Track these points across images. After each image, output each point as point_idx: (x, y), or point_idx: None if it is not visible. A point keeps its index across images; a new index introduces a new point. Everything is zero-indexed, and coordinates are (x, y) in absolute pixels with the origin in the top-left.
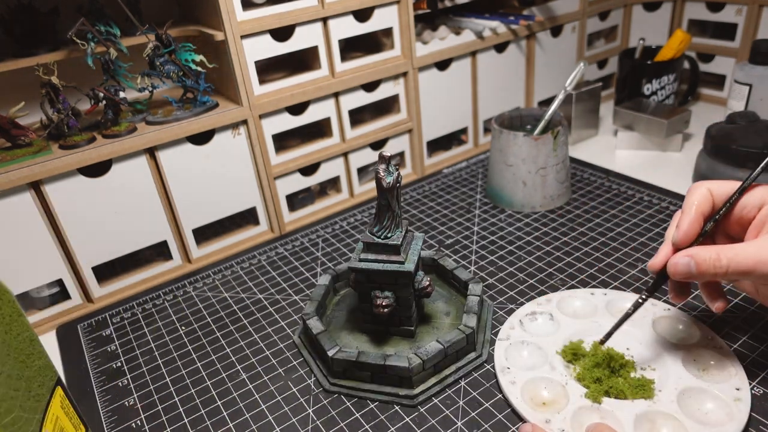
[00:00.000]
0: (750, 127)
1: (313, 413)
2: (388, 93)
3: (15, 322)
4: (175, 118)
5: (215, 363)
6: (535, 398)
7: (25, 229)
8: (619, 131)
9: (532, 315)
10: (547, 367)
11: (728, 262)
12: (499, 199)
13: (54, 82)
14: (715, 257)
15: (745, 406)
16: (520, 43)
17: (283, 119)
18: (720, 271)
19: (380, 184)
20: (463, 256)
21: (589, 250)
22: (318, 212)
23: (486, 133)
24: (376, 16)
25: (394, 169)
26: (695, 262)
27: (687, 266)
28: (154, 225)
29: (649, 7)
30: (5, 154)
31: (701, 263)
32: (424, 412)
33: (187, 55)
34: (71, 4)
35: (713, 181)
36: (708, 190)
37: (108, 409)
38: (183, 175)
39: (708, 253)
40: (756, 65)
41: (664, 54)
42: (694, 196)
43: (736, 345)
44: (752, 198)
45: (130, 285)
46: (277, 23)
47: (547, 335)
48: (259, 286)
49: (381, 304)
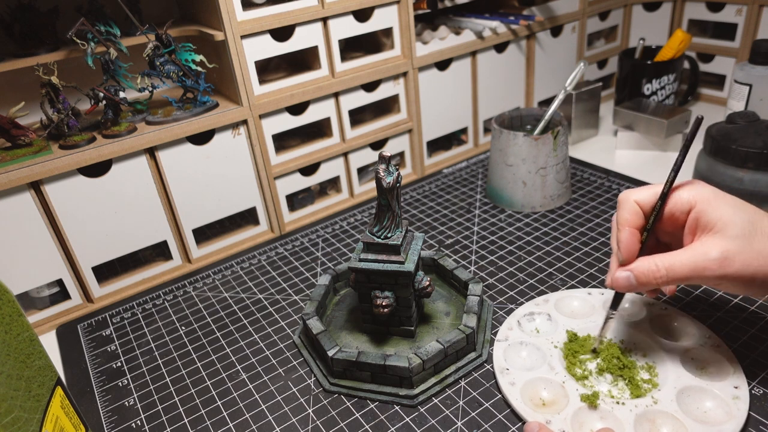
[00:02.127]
0: (750, 127)
1: (313, 413)
2: (388, 93)
3: (15, 322)
4: (175, 118)
5: (215, 363)
6: (534, 399)
7: (25, 229)
8: (619, 131)
9: (530, 315)
10: (546, 368)
11: (666, 272)
12: (499, 199)
13: (54, 82)
14: (654, 269)
15: (743, 405)
16: (520, 43)
17: (283, 119)
18: (660, 280)
19: (380, 184)
20: (463, 256)
21: (589, 250)
22: (318, 212)
23: (486, 133)
24: (376, 16)
25: (394, 169)
26: (634, 276)
27: (627, 280)
28: (154, 225)
29: (649, 7)
30: (5, 154)
31: (640, 276)
32: (424, 412)
33: (187, 55)
34: (71, 4)
35: (637, 190)
36: (635, 201)
37: (108, 409)
38: (183, 175)
39: (647, 265)
40: (756, 65)
41: (664, 54)
42: (624, 212)
43: (736, 345)
44: (679, 203)
45: (130, 285)
46: (277, 23)
47: (546, 335)
48: (259, 286)
49: (381, 304)
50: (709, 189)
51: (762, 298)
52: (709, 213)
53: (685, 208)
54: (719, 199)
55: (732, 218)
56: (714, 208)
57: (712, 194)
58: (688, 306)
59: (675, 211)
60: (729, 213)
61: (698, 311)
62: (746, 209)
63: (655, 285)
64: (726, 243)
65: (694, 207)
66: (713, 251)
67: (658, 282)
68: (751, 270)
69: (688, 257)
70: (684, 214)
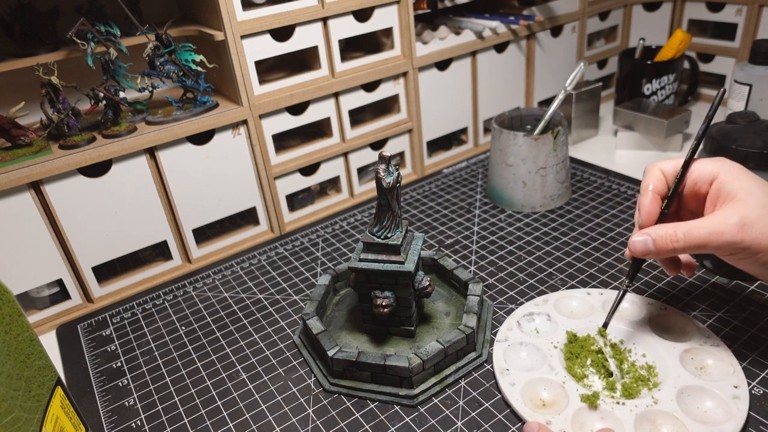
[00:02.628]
0: (750, 127)
1: (313, 413)
2: (388, 93)
3: (15, 322)
4: (175, 118)
5: (215, 363)
6: (534, 399)
7: (25, 229)
8: (619, 131)
9: (529, 316)
10: (546, 368)
11: (684, 236)
12: (499, 199)
13: (54, 82)
14: (671, 233)
15: (743, 404)
16: (520, 43)
17: (283, 119)
18: (677, 245)
19: (380, 184)
20: (463, 256)
21: (589, 250)
22: (318, 212)
23: (486, 133)
24: (376, 16)
25: (394, 169)
26: (652, 239)
27: (644, 244)
28: (154, 225)
29: (649, 7)
30: (5, 154)
31: (657, 239)
32: (424, 412)
33: (187, 55)
34: (71, 4)
35: (664, 161)
36: (660, 170)
37: (108, 409)
38: (183, 175)
39: (664, 230)
40: (756, 65)
41: (664, 54)
42: (648, 178)
43: (736, 345)
44: (703, 173)
45: (130, 285)
46: (277, 23)
47: (545, 336)
48: (259, 286)
49: (381, 304)
50: (733, 163)
51: None
52: (731, 183)
53: (708, 178)
54: (741, 172)
55: (753, 189)
56: (736, 179)
57: (735, 167)
58: (688, 306)
59: (698, 181)
60: (751, 184)
61: (698, 311)
62: (766, 184)
63: (672, 250)
64: (746, 210)
65: (717, 177)
66: (733, 217)
67: (676, 248)
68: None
69: (708, 222)
70: (707, 184)
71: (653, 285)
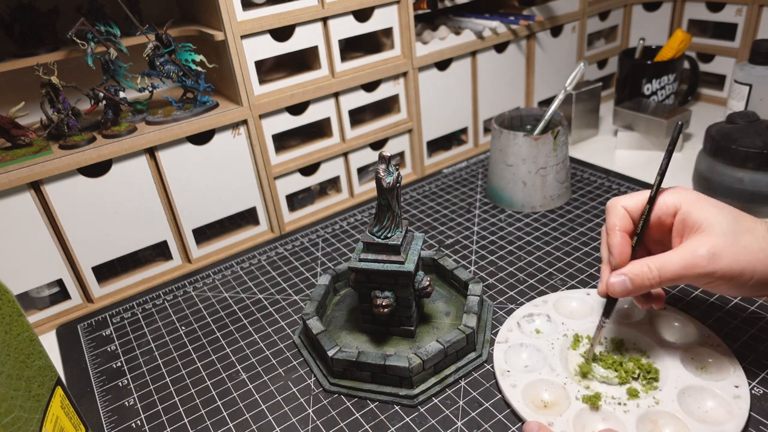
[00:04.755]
0: (750, 127)
1: (313, 413)
2: (388, 93)
3: (15, 322)
4: (175, 118)
5: (215, 363)
6: (536, 401)
7: (25, 229)
8: (619, 131)
9: (529, 317)
10: (547, 369)
11: (658, 272)
12: (499, 199)
13: (54, 82)
14: (646, 270)
15: (744, 404)
16: (520, 43)
17: (283, 119)
18: (654, 281)
19: (380, 184)
20: (463, 256)
21: (589, 250)
22: (318, 212)
23: (486, 133)
24: (376, 16)
25: (394, 169)
26: (629, 279)
27: (623, 284)
28: (154, 225)
29: (649, 7)
30: (5, 154)
31: (634, 278)
32: (424, 412)
33: (187, 55)
34: (71, 4)
35: (625, 197)
36: (623, 207)
37: (108, 409)
38: (183, 175)
39: (639, 267)
40: (756, 65)
41: (664, 54)
42: (614, 218)
43: (736, 345)
44: (664, 206)
45: (130, 285)
46: (277, 23)
47: (546, 336)
48: (259, 286)
49: (381, 304)
50: (692, 192)
51: (752, 296)
52: (694, 214)
53: (670, 211)
54: (702, 201)
55: (717, 217)
56: (698, 209)
57: (695, 197)
58: (688, 306)
59: (661, 215)
60: (713, 212)
61: (698, 311)
62: (728, 209)
63: (649, 287)
64: (713, 240)
65: (680, 209)
66: (702, 248)
67: (652, 283)
68: (740, 266)
69: (678, 256)
70: (670, 217)
71: None
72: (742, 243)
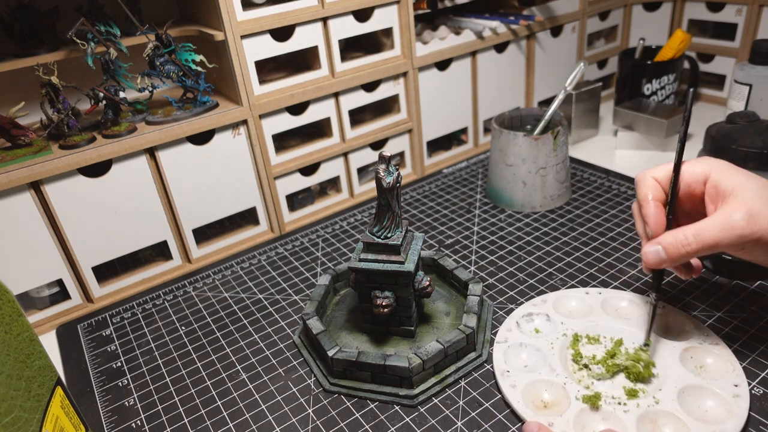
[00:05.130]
0: (750, 127)
1: (313, 413)
2: (388, 93)
3: (15, 322)
4: (175, 118)
5: (215, 363)
6: (536, 401)
7: (25, 229)
8: (619, 131)
9: (528, 316)
10: (547, 369)
11: (694, 239)
12: (499, 199)
13: (54, 82)
14: (682, 239)
15: (744, 403)
16: (520, 43)
17: (283, 119)
18: (690, 248)
19: (380, 184)
20: (463, 256)
21: (589, 250)
22: (318, 212)
23: (486, 133)
24: (376, 16)
25: (394, 169)
26: (663, 248)
27: (656, 254)
28: (154, 225)
29: (649, 7)
30: (5, 154)
31: (668, 247)
32: (424, 412)
33: (187, 55)
34: (71, 4)
35: (653, 168)
36: (653, 178)
37: (108, 409)
38: (183, 175)
39: (673, 236)
40: (756, 65)
41: (664, 54)
42: (644, 188)
43: (736, 345)
44: (695, 174)
45: (130, 285)
46: (277, 23)
47: (545, 336)
48: (259, 286)
49: (381, 304)
50: (719, 161)
51: None
52: (724, 181)
53: (700, 179)
54: (731, 168)
55: (747, 183)
56: (728, 176)
57: (723, 165)
58: (688, 306)
59: (691, 183)
60: (743, 179)
61: (698, 311)
62: (754, 176)
63: (686, 255)
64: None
65: (709, 177)
66: (739, 212)
67: (689, 251)
68: None
69: (715, 222)
70: (701, 185)
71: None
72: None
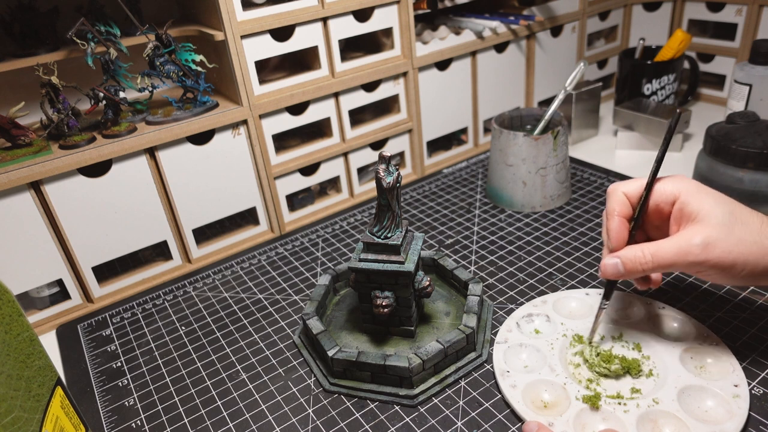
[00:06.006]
0: (750, 127)
1: (313, 413)
2: (388, 93)
3: (15, 322)
4: (175, 118)
5: (215, 363)
6: (536, 401)
7: (25, 229)
8: (619, 131)
9: (528, 317)
10: (547, 369)
11: (652, 257)
12: (499, 199)
13: (54, 82)
14: (639, 256)
15: (744, 403)
16: (520, 43)
17: (283, 119)
18: (646, 266)
19: (380, 184)
20: (463, 256)
21: (589, 250)
22: (318, 212)
23: (486, 133)
24: (376, 16)
25: (394, 169)
26: (621, 262)
27: (615, 267)
28: (154, 225)
29: (649, 7)
30: (5, 154)
31: (626, 262)
32: (424, 412)
33: (187, 55)
34: (71, 4)
35: (625, 183)
36: (623, 193)
37: (108, 409)
38: (183, 175)
39: (632, 252)
40: (756, 65)
41: (664, 54)
42: (613, 203)
43: (736, 345)
44: (664, 194)
45: (130, 285)
46: (277, 23)
47: (545, 336)
48: (259, 286)
49: (381, 304)
50: (692, 182)
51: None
52: (691, 204)
53: (669, 199)
54: (701, 192)
55: (713, 208)
56: (697, 200)
57: (694, 187)
58: (688, 306)
59: (660, 202)
60: (711, 204)
61: (698, 311)
62: (726, 201)
63: (642, 271)
64: (708, 230)
65: (679, 198)
66: (696, 237)
67: (644, 268)
68: (732, 257)
69: (672, 243)
70: (669, 205)
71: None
72: (736, 234)
